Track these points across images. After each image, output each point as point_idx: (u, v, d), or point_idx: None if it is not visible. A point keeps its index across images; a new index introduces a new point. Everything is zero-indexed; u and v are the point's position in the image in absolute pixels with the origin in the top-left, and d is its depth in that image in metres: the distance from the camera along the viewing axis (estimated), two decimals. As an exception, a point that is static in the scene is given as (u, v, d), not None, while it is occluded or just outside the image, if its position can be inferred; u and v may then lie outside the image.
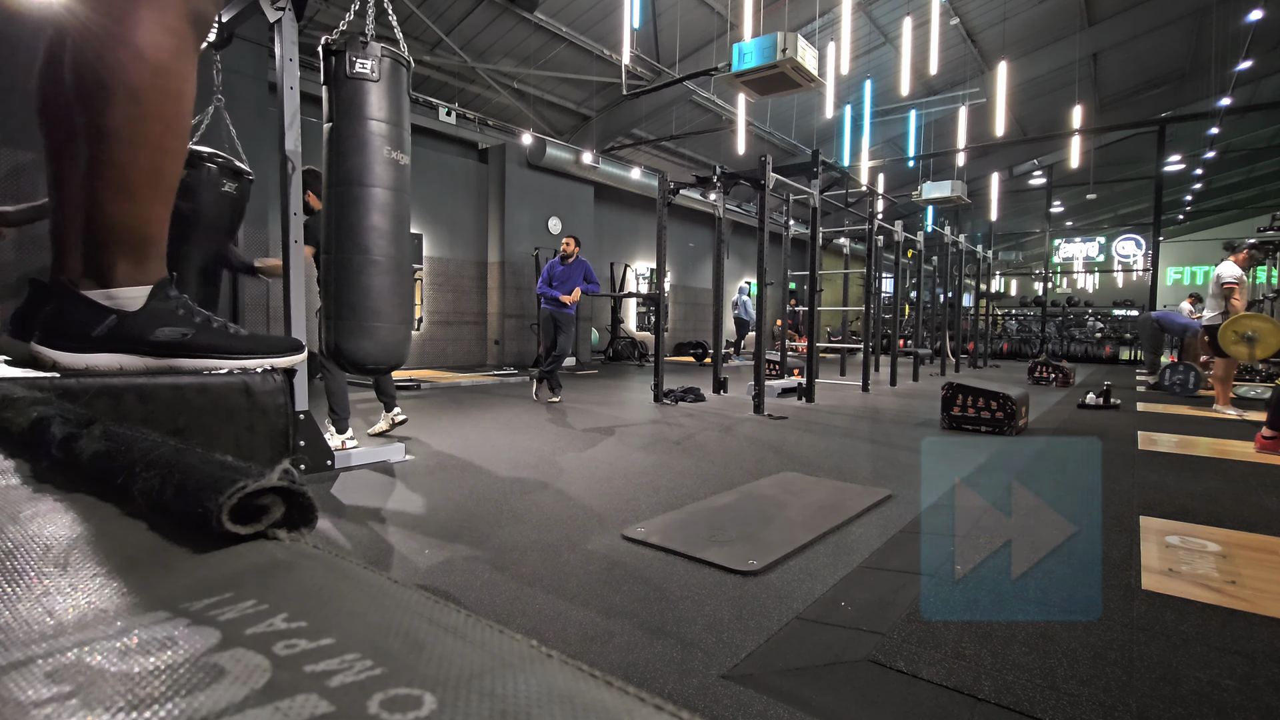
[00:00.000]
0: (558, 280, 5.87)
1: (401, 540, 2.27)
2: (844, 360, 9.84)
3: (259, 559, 0.35)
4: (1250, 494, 2.96)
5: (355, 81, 2.95)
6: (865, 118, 10.96)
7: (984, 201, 15.12)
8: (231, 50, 3.78)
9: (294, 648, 0.24)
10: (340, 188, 2.99)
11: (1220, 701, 1.32)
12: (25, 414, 0.55)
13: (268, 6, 3.01)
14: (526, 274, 10.60)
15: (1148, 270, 13.40)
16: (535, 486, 3.01)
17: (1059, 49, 11.10)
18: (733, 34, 9.04)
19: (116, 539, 0.39)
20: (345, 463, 3.28)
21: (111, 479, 0.44)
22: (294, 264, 3.11)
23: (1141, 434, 4.60)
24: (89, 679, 0.22)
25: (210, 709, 0.20)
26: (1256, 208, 21.41)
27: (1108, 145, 16.07)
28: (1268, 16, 9.25)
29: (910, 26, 8.31)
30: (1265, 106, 12.16)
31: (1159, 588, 1.87)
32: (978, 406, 4.72)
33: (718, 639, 1.59)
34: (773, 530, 2.39)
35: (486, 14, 8.36)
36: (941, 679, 1.40)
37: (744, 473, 3.33)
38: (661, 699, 0.20)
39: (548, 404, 5.90)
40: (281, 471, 0.38)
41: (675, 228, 14.27)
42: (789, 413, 5.50)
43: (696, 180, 6.39)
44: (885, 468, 3.53)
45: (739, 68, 5.03)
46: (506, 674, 0.22)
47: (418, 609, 0.28)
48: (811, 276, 6.30)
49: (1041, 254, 18.24)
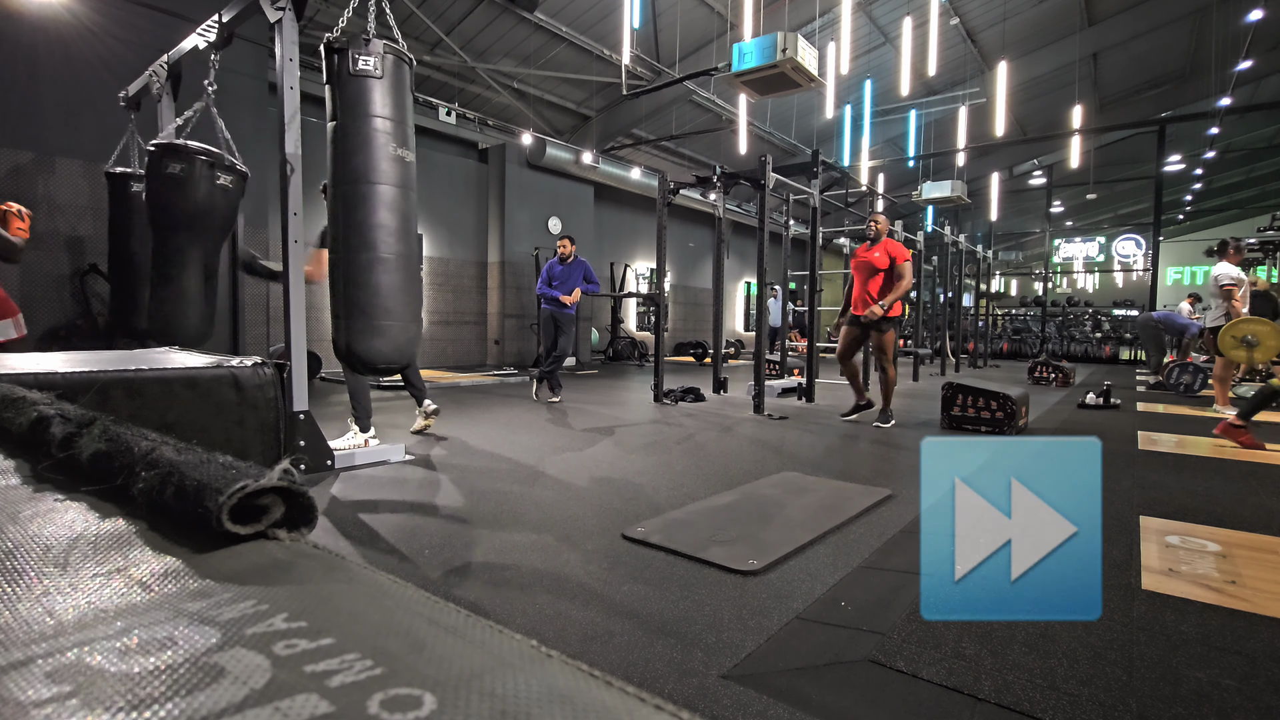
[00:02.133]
0: (557, 280, 5.87)
1: (401, 540, 2.27)
2: (844, 360, 9.82)
3: (259, 559, 0.35)
4: (1250, 494, 2.96)
5: (359, 79, 2.94)
6: (865, 118, 10.96)
7: (984, 201, 15.11)
8: (231, 50, 3.78)
9: (294, 648, 0.24)
10: (346, 185, 2.97)
11: (1220, 701, 1.32)
12: (25, 414, 0.55)
13: (268, 6, 3.00)
14: (526, 274, 10.60)
15: (1148, 270, 13.41)
16: (535, 486, 3.01)
17: (1059, 49, 11.10)
18: (733, 34, 9.04)
19: (116, 539, 0.39)
20: (345, 463, 3.28)
21: (111, 479, 0.44)
22: (294, 264, 3.10)
23: (1141, 434, 4.60)
24: (89, 679, 0.22)
25: (210, 709, 0.20)
26: (1256, 208, 21.41)
27: (1108, 145, 16.06)
28: (1268, 16, 9.25)
29: (910, 26, 8.30)
30: (1265, 106, 12.16)
31: (1159, 588, 1.87)
32: (978, 406, 4.72)
33: (718, 639, 1.59)
34: (773, 530, 2.39)
35: (486, 14, 8.36)
36: (941, 679, 1.40)
37: (744, 472, 3.33)
38: (661, 699, 0.20)
39: (548, 404, 5.90)
40: (281, 472, 0.38)
41: (675, 228, 14.27)
42: (789, 412, 5.50)
43: (696, 180, 6.39)
44: (885, 467, 3.53)
45: (739, 68, 5.03)
46: (506, 674, 0.22)
47: (418, 609, 0.28)
48: (811, 276, 6.30)
49: (1041, 254, 18.24)
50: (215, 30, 3.51)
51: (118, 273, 4.89)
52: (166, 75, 4.08)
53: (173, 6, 5.75)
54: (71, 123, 5.48)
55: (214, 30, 3.51)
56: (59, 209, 5.48)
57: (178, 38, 4.04)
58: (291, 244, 3.07)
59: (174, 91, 4.15)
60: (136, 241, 4.82)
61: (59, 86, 5.44)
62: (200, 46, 3.71)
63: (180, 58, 3.94)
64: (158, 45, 4.88)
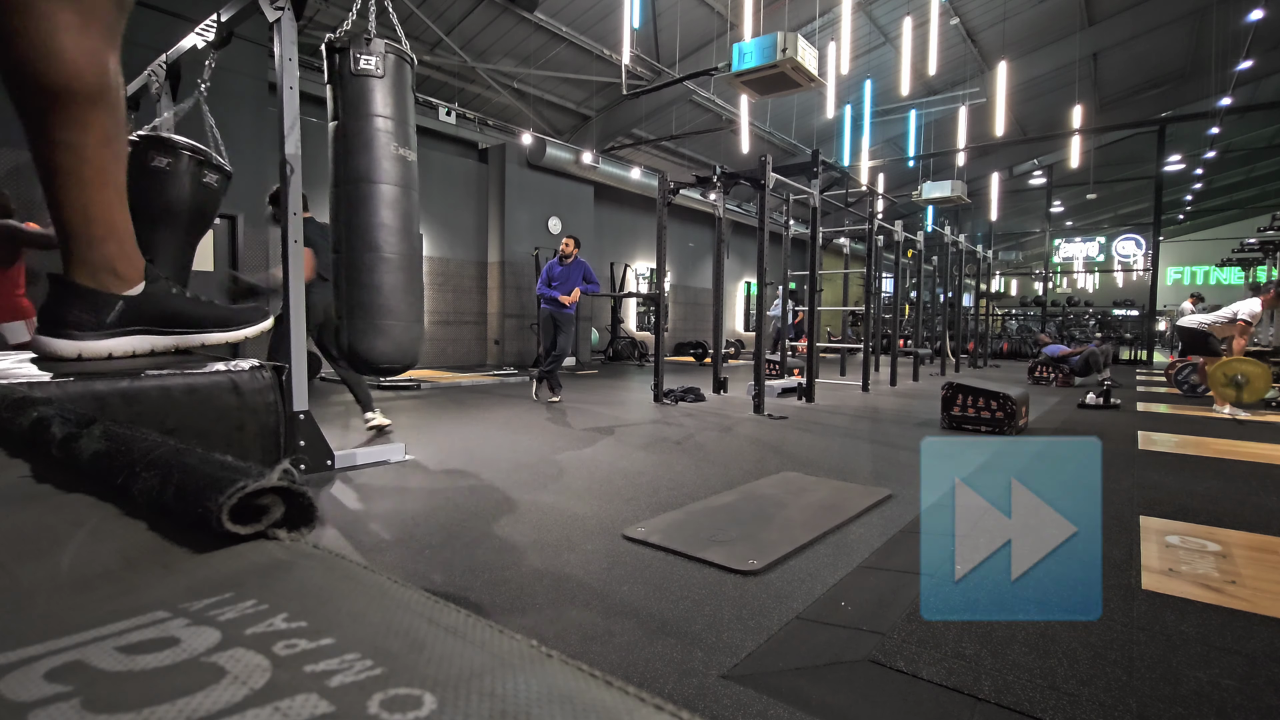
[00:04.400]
0: (557, 281, 5.87)
1: (401, 539, 2.27)
2: (844, 360, 9.84)
3: (259, 559, 0.35)
4: (1250, 494, 2.96)
5: (360, 79, 2.94)
6: (865, 118, 10.97)
7: (984, 201, 15.13)
8: (231, 50, 3.77)
9: (294, 648, 0.24)
10: (348, 185, 2.98)
11: (1220, 701, 1.32)
12: (25, 414, 0.55)
13: (267, 6, 3.00)
14: (526, 274, 10.60)
15: (1148, 270, 13.40)
16: (535, 486, 3.01)
17: (1059, 49, 11.11)
18: (733, 34, 9.04)
19: (116, 539, 0.39)
20: (345, 462, 3.28)
21: (111, 479, 0.44)
22: (294, 264, 3.10)
23: (1141, 434, 4.60)
24: (89, 679, 0.22)
25: (210, 709, 0.20)
26: (1256, 208, 21.43)
27: (1108, 145, 16.07)
28: (1268, 16, 9.26)
29: (910, 26, 8.31)
30: (1265, 106, 12.16)
31: (1159, 588, 1.87)
32: (978, 406, 4.72)
33: (718, 639, 1.59)
34: (773, 530, 2.39)
35: (486, 14, 8.36)
36: (941, 679, 1.40)
37: (744, 472, 3.33)
38: (661, 699, 0.20)
39: (548, 404, 5.90)
40: (281, 471, 0.38)
41: (675, 228, 14.27)
42: (789, 412, 5.50)
43: (696, 180, 6.39)
44: (885, 467, 3.53)
45: (739, 68, 5.04)
46: (506, 674, 0.22)
47: (418, 609, 0.28)
48: (811, 276, 6.30)
49: (1041, 254, 18.23)
50: (214, 30, 3.50)
51: None
52: (165, 75, 4.08)
53: (171, 6, 5.75)
54: (71, 123, 5.48)
55: (213, 30, 3.51)
56: (59, 209, 5.48)
57: (176, 37, 4.03)
58: (291, 244, 3.07)
59: (173, 91, 4.14)
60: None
61: (59, 86, 5.43)
62: (199, 46, 3.71)
63: (179, 57, 3.94)
64: (156, 45, 4.88)
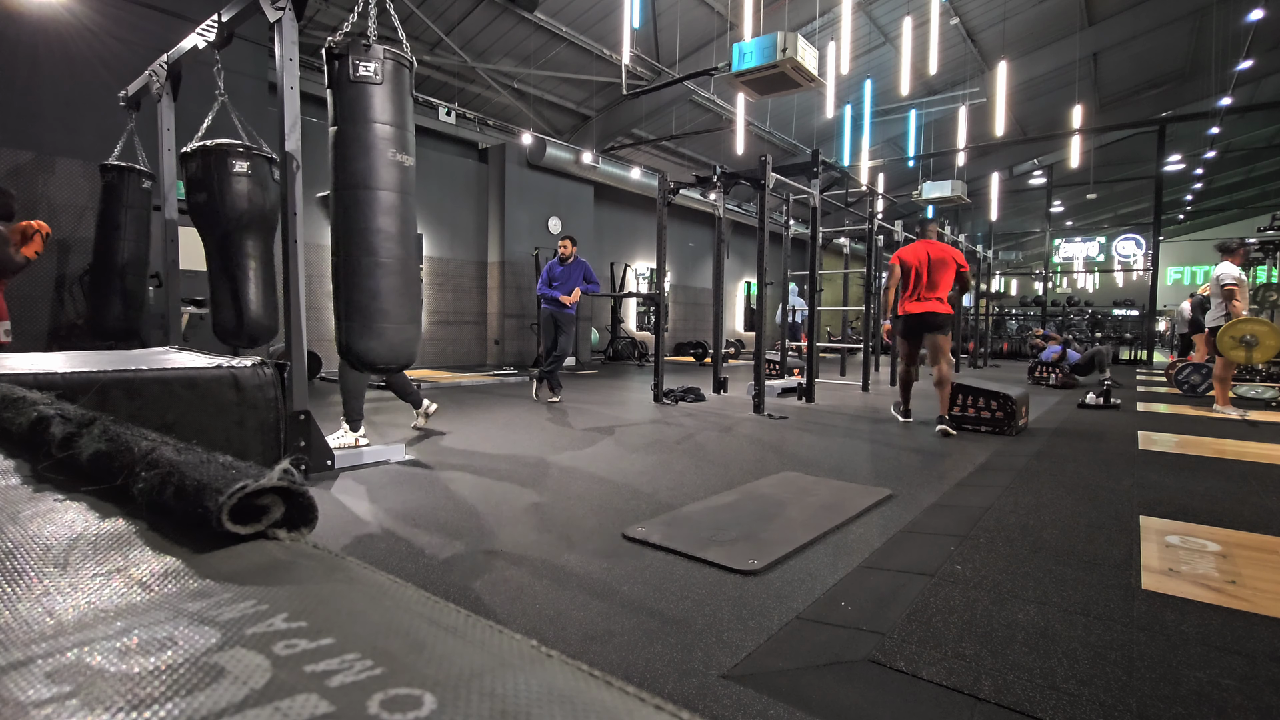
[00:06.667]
0: (557, 281, 5.87)
1: (401, 540, 2.27)
2: (844, 360, 9.84)
3: (259, 559, 0.35)
4: (1250, 494, 2.96)
5: (358, 85, 2.97)
6: (865, 118, 10.96)
7: (984, 201, 15.12)
8: (231, 50, 3.78)
9: (294, 648, 0.24)
10: (346, 191, 3.02)
11: (1220, 701, 1.32)
12: (25, 414, 0.55)
13: (268, 6, 3.00)
14: (526, 274, 10.60)
15: (1148, 270, 13.40)
16: (535, 486, 3.01)
17: (1059, 49, 11.11)
18: (733, 34, 9.04)
19: (116, 539, 0.39)
20: (345, 463, 3.28)
21: (111, 479, 0.44)
22: (294, 264, 3.10)
23: (1141, 434, 4.60)
24: (89, 679, 0.22)
25: (210, 709, 0.20)
26: (1256, 207, 21.44)
27: (1108, 145, 16.07)
28: (1268, 16, 9.26)
29: (910, 26, 8.30)
30: (1265, 106, 12.16)
31: (1159, 587, 1.87)
32: (978, 406, 4.72)
33: (718, 639, 1.59)
34: (773, 530, 2.39)
35: (486, 14, 8.36)
36: (941, 679, 1.40)
37: (744, 472, 3.32)
38: (661, 699, 0.20)
39: (548, 404, 5.90)
40: (281, 471, 0.38)
41: (675, 228, 14.27)
42: (789, 412, 5.49)
43: (696, 180, 6.39)
44: (885, 467, 3.53)
45: (739, 67, 5.03)
46: (506, 674, 0.22)
47: (418, 609, 0.28)
48: (811, 276, 6.29)
49: (1041, 254, 18.23)
50: (215, 30, 3.50)
51: (101, 271, 4.92)
52: (166, 75, 4.08)
53: (172, 6, 5.75)
54: (71, 123, 5.48)
55: (213, 30, 3.51)
56: (59, 209, 5.49)
57: (177, 37, 4.04)
58: (291, 244, 3.08)
59: (174, 91, 4.15)
60: (125, 239, 4.88)
61: (59, 86, 5.44)
62: (200, 46, 3.71)
63: (180, 57, 3.95)
64: (157, 45, 4.88)
